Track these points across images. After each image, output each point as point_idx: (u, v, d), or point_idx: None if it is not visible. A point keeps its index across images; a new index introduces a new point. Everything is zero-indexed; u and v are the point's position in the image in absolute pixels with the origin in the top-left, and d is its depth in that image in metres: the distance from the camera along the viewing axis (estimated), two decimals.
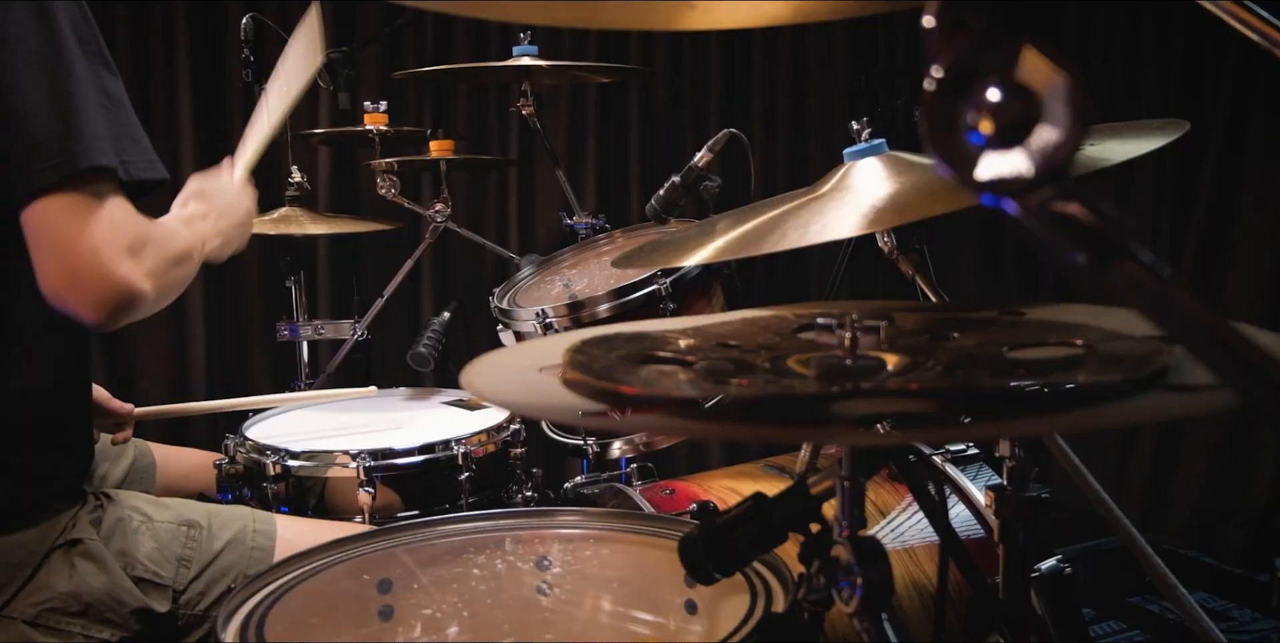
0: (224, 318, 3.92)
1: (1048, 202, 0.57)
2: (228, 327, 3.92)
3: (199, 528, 1.84)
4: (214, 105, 3.78)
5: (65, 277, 1.48)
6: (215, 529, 1.85)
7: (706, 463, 4.17)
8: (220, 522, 1.88)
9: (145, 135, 1.62)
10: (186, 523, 1.84)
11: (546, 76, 3.32)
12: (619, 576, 1.59)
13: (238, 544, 1.85)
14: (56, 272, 1.49)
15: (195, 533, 1.83)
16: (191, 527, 1.84)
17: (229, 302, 3.92)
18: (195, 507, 1.91)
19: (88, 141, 1.50)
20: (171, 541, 1.81)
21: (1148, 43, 4.14)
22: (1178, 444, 4.04)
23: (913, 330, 1.07)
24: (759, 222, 1.50)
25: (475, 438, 2.36)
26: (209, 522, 1.86)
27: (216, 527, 1.86)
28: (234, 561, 1.83)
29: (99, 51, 1.57)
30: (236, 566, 1.82)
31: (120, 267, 1.49)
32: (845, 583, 0.99)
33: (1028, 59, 0.58)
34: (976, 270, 4.56)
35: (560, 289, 2.67)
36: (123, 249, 1.50)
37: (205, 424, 3.80)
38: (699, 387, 0.89)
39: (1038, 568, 1.93)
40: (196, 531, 1.84)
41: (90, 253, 1.48)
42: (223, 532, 1.86)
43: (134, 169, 1.56)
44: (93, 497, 1.80)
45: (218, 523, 1.87)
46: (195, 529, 1.84)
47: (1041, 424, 0.90)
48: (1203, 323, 0.54)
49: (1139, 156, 1.34)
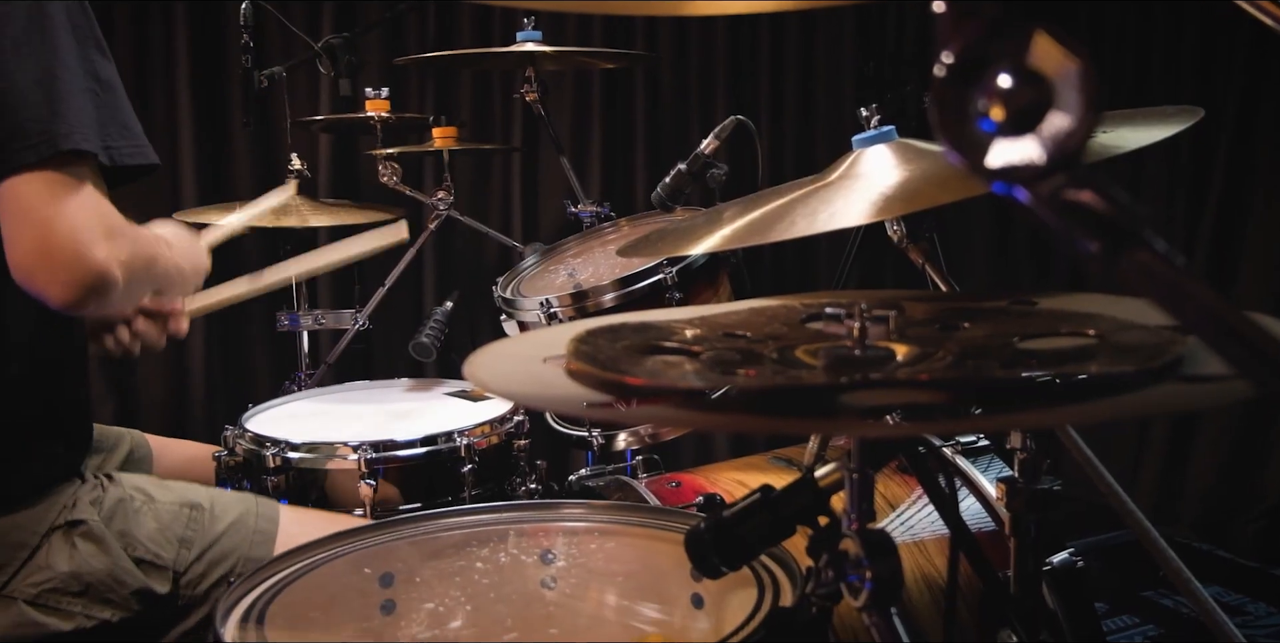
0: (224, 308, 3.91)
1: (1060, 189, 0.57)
2: (227, 316, 3.92)
3: (201, 510, 1.85)
4: (213, 92, 3.77)
5: (39, 254, 1.48)
6: (218, 512, 1.86)
7: (713, 455, 4.16)
8: (223, 505, 1.89)
9: (137, 121, 1.62)
10: (189, 505, 1.85)
11: (551, 62, 3.32)
12: (624, 569, 1.59)
13: (240, 527, 1.86)
14: (31, 249, 1.49)
15: (197, 514, 1.84)
16: (194, 508, 1.85)
17: None
18: (198, 489, 1.92)
19: (70, 125, 1.50)
20: (173, 522, 1.82)
21: (1160, 28, 4.13)
22: (1191, 436, 4.04)
23: (923, 320, 1.07)
24: (766, 210, 1.50)
25: (478, 430, 2.36)
26: (211, 504, 1.87)
27: (219, 509, 1.87)
28: (236, 543, 1.84)
29: (91, 35, 1.57)
30: (239, 548, 1.83)
31: (97, 249, 1.49)
32: (854, 577, 0.99)
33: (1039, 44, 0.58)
34: (987, 259, 4.55)
35: (565, 278, 2.67)
36: (100, 232, 1.51)
37: (204, 415, 3.81)
38: (705, 377, 0.89)
39: (1049, 562, 1.93)
40: (199, 512, 1.84)
41: (68, 232, 1.48)
42: (225, 514, 1.86)
43: (120, 155, 1.57)
44: (94, 477, 1.81)
45: (220, 506, 1.88)
46: (197, 511, 1.85)
47: (1053, 416, 0.90)
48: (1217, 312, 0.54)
49: (1152, 144, 1.34)
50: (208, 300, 2.19)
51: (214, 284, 2.12)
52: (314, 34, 3.42)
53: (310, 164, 3.48)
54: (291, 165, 3.21)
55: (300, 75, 3.68)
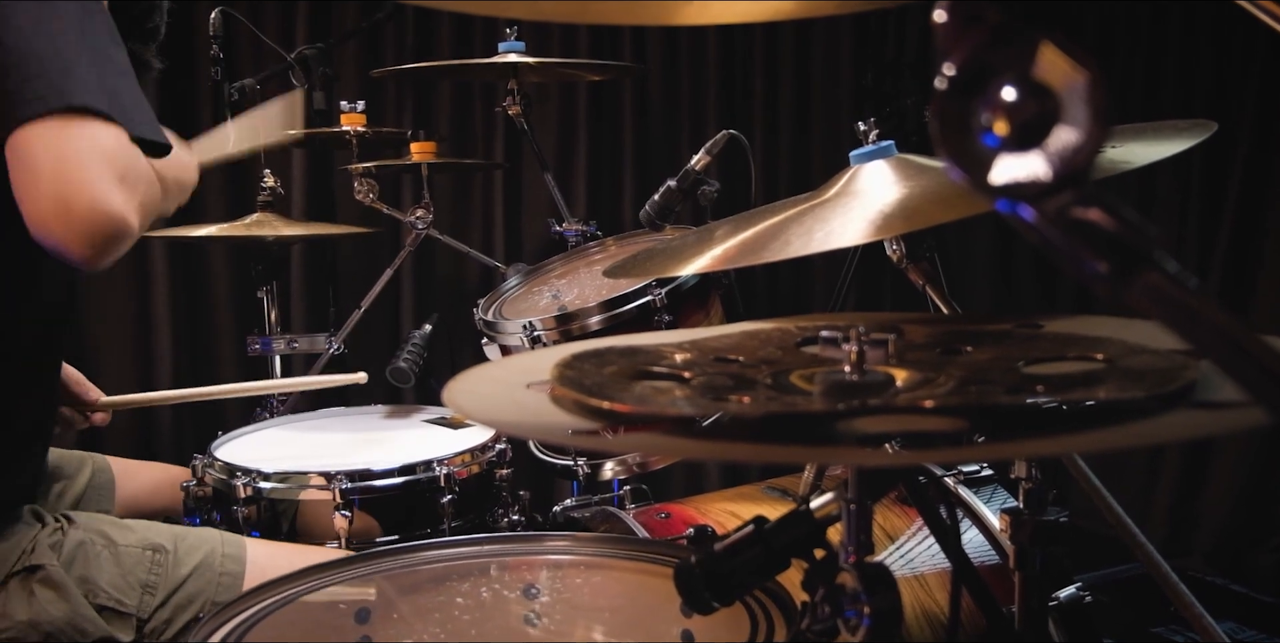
0: (192, 330, 3.91)
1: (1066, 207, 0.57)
2: (196, 340, 3.92)
3: (164, 553, 1.84)
4: (181, 105, 3.77)
5: (55, 206, 1.48)
6: (182, 554, 1.85)
7: (704, 485, 4.16)
8: (187, 546, 1.87)
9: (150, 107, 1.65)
10: (151, 547, 1.84)
11: (534, 74, 3.33)
12: (611, 605, 1.58)
13: (205, 570, 1.85)
14: (46, 201, 1.49)
15: (161, 558, 1.83)
16: (157, 551, 1.84)
17: (197, 313, 3.91)
18: (161, 530, 1.91)
19: (82, 85, 1.52)
20: (135, 566, 1.80)
21: (1173, 38, 4.14)
22: (1205, 465, 4.04)
23: (923, 344, 1.07)
24: (760, 228, 1.50)
25: (458, 458, 2.35)
26: (175, 546, 1.86)
27: (183, 551, 1.86)
28: (201, 587, 1.83)
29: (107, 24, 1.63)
30: (204, 592, 1.82)
31: (114, 198, 1.50)
32: (851, 612, 0.99)
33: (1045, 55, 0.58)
34: (991, 280, 4.56)
35: (549, 300, 2.67)
36: (115, 179, 1.51)
37: (171, 439, 3.80)
38: (696, 404, 0.89)
39: (1056, 596, 1.93)
40: (162, 555, 1.83)
41: (83, 182, 1.48)
42: (189, 557, 1.85)
43: (134, 125, 1.58)
44: (53, 519, 1.80)
45: (184, 547, 1.87)
46: (161, 553, 1.83)
47: (1060, 444, 0.90)
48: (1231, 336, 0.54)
49: (1163, 160, 1.34)
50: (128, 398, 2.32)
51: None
52: (287, 45, 3.44)
53: (283, 181, 3.47)
54: (264, 183, 3.20)
55: (273, 88, 3.67)
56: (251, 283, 3.35)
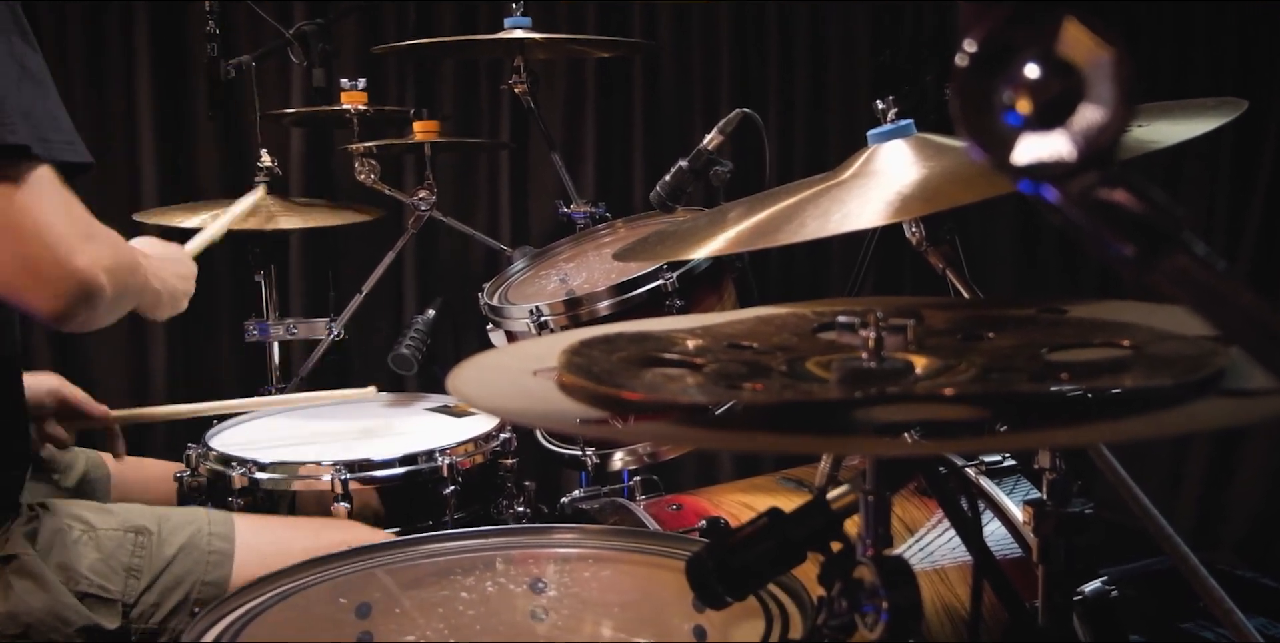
0: (187, 316, 3.87)
1: (1091, 188, 0.57)
2: (191, 326, 3.91)
3: (148, 534, 1.84)
4: (176, 82, 3.76)
5: (20, 264, 1.48)
6: (166, 534, 1.85)
7: (717, 476, 4.16)
8: (171, 526, 1.87)
9: (67, 116, 1.60)
10: (134, 529, 1.84)
11: (541, 51, 3.32)
12: (621, 599, 1.59)
13: (192, 549, 1.84)
14: (8, 259, 1.48)
15: (144, 540, 1.83)
16: (139, 533, 1.83)
17: (193, 299, 3.90)
18: (143, 511, 1.91)
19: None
20: (117, 549, 1.80)
21: (1201, 14, 4.13)
22: (1234, 454, 4.04)
23: (943, 330, 1.07)
24: (774, 210, 1.50)
25: (462, 448, 2.35)
26: (159, 527, 1.86)
27: (167, 532, 1.86)
28: (189, 567, 1.82)
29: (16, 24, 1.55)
30: (193, 572, 1.82)
31: (77, 256, 1.49)
32: (869, 607, 0.99)
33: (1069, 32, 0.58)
34: (1013, 264, 4.55)
35: (556, 284, 2.67)
36: (77, 237, 1.50)
37: (165, 431, 3.79)
38: (709, 392, 0.89)
39: (1081, 591, 1.93)
40: (145, 537, 1.83)
41: (42, 240, 1.48)
42: (174, 536, 1.85)
43: (53, 149, 1.54)
44: (26, 508, 1.80)
45: (169, 527, 1.87)
46: (144, 535, 1.83)
47: (1085, 433, 0.90)
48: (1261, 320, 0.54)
49: (1191, 139, 1.34)
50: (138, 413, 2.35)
51: None
52: (285, 20, 3.42)
53: (281, 161, 3.46)
54: (261, 162, 3.19)
55: (270, 65, 3.67)
56: (248, 266, 3.35)
